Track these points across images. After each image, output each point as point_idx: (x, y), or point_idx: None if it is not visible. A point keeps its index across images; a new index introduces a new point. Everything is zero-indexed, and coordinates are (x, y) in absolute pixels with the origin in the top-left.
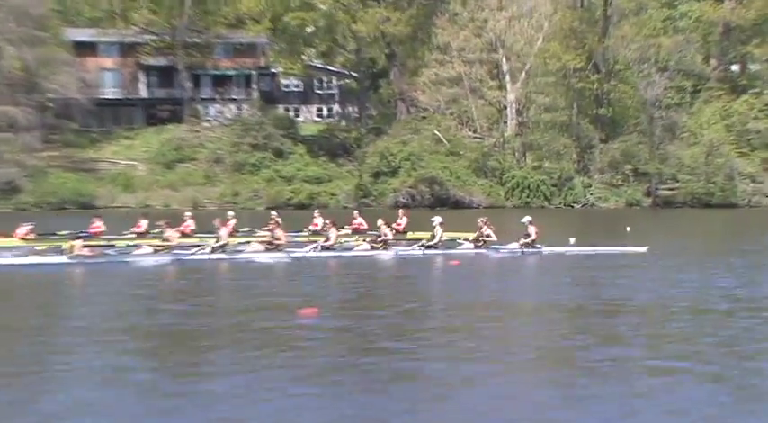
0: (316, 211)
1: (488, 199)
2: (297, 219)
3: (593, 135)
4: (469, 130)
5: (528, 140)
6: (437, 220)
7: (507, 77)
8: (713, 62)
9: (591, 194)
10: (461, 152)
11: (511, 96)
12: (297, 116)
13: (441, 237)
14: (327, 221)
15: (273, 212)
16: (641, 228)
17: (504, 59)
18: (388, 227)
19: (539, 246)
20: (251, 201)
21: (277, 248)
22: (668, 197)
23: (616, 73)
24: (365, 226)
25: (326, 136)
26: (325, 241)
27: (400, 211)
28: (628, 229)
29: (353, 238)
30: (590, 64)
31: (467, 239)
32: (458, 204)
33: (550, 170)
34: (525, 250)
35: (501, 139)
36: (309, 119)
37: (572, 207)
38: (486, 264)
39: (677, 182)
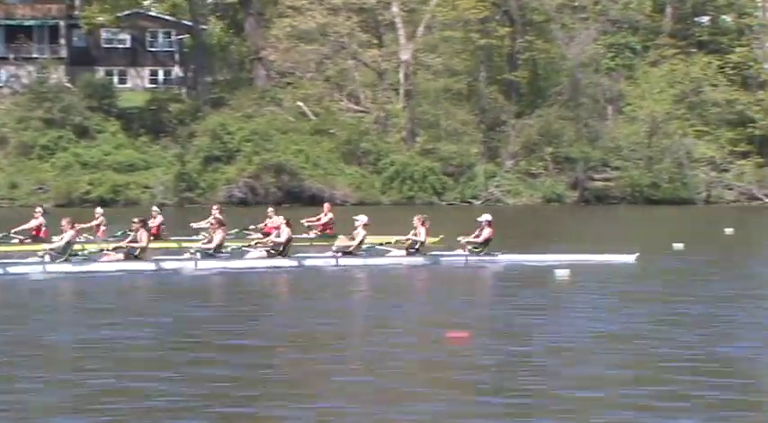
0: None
1: (358, 193)
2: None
3: (506, 108)
4: (350, 100)
5: (416, 115)
6: (362, 219)
7: (401, 31)
8: (669, 11)
9: (496, 187)
10: (332, 130)
11: (404, 56)
12: (123, 82)
13: (362, 241)
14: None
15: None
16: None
17: (394, 7)
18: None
19: (494, 252)
20: (34, 196)
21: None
22: (600, 191)
23: (534, 25)
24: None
25: (153, 108)
26: (208, 243)
27: (325, 205)
28: (394, 240)
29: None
30: (499, 13)
31: (390, 243)
32: (315, 200)
33: (447, 155)
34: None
35: (382, 114)
36: (141, 85)
37: (470, 203)
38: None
39: (617, 170)
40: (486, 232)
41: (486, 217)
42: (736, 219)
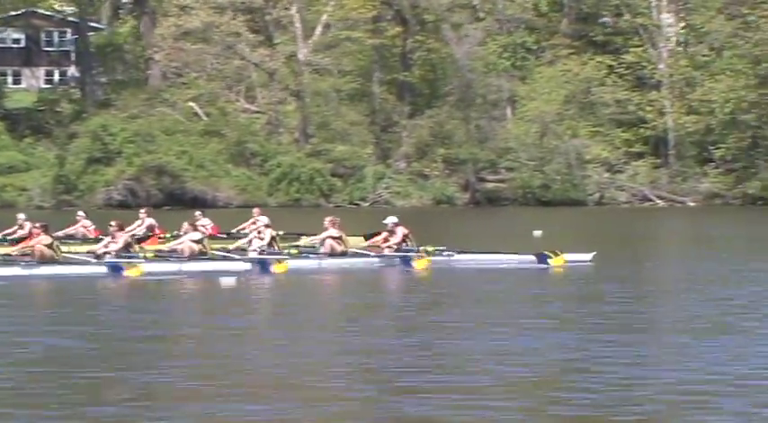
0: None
1: (243, 195)
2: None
3: (398, 108)
4: (247, 101)
5: (307, 115)
6: (262, 220)
7: (298, 31)
8: (566, 11)
9: (385, 189)
10: (223, 131)
11: (301, 56)
12: (17, 82)
13: (270, 241)
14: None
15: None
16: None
17: (293, 8)
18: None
19: (450, 252)
20: None
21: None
22: (492, 192)
23: (426, 25)
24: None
25: (41, 109)
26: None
27: (255, 210)
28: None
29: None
30: (391, 13)
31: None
32: (197, 202)
33: (339, 156)
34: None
35: (274, 115)
36: (36, 86)
37: (358, 205)
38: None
39: (511, 172)
40: (401, 232)
41: (393, 219)
42: (601, 221)
